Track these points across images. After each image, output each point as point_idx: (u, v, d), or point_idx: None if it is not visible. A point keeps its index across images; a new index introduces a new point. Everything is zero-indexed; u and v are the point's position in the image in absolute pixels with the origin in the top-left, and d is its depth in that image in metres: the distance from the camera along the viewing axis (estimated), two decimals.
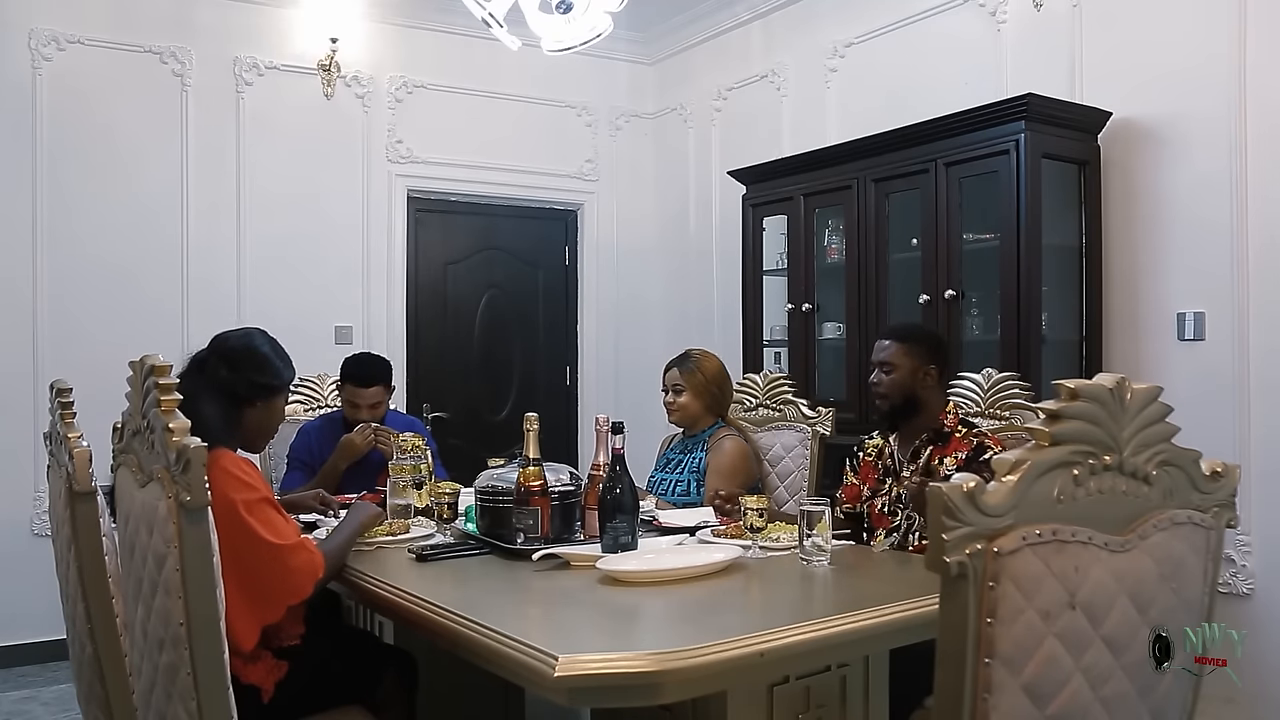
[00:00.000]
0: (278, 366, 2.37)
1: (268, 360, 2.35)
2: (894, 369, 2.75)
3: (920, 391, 2.74)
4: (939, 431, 2.72)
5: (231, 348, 2.33)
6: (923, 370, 2.74)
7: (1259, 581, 3.31)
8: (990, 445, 2.64)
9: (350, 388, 3.56)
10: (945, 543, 1.14)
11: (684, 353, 3.36)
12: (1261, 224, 3.29)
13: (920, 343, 2.79)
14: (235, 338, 2.38)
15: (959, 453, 2.65)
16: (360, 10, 5.11)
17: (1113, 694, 1.26)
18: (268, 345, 2.39)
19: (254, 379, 2.30)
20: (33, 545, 4.41)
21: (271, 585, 2.07)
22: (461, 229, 5.67)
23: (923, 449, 2.73)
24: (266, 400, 2.34)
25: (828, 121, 4.83)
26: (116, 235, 4.70)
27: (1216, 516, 1.40)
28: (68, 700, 3.80)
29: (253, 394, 2.30)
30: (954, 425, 2.72)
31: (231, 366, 2.27)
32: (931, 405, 2.76)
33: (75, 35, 4.63)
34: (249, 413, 2.30)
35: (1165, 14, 3.53)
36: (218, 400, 2.20)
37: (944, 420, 2.73)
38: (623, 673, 1.55)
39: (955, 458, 2.65)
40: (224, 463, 2.07)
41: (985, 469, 2.52)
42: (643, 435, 3.59)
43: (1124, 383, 1.25)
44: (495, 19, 2.96)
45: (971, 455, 2.62)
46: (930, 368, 2.75)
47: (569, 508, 2.54)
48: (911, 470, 2.73)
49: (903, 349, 2.76)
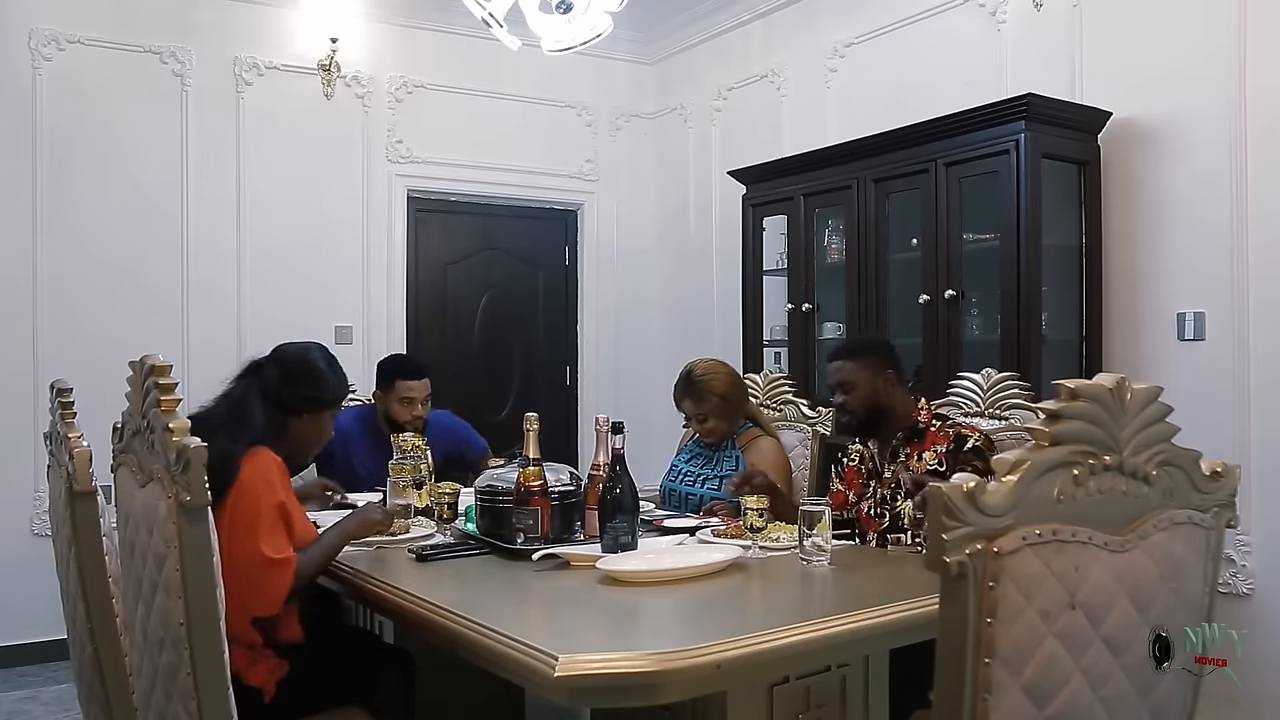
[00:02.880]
0: (330, 382, 2.44)
1: (321, 375, 2.42)
2: (853, 386, 2.77)
3: (884, 399, 2.75)
4: (913, 429, 2.72)
5: (289, 357, 2.40)
6: (880, 378, 2.75)
7: (1259, 582, 3.31)
8: (968, 434, 2.64)
9: (401, 383, 3.52)
10: (945, 543, 1.14)
11: (685, 376, 3.23)
12: (1261, 224, 3.29)
13: (871, 353, 2.82)
14: (294, 349, 2.45)
15: (937, 446, 2.65)
16: (360, 10, 5.11)
17: (1113, 694, 1.26)
18: (324, 360, 2.45)
19: (304, 391, 2.37)
20: (33, 545, 4.41)
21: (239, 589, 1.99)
22: (461, 229, 5.67)
23: (901, 448, 2.73)
24: (314, 413, 2.40)
25: (828, 121, 4.82)
26: (117, 235, 4.70)
27: (1216, 516, 1.40)
28: (68, 700, 3.80)
29: (300, 405, 2.36)
30: (928, 420, 2.73)
31: (284, 375, 2.35)
32: (899, 407, 2.76)
33: (75, 35, 4.63)
34: (295, 423, 2.36)
35: (1165, 14, 3.53)
36: (265, 405, 2.28)
37: (917, 418, 2.74)
38: (623, 673, 1.55)
39: (935, 451, 2.65)
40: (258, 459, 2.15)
41: (975, 457, 2.51)
42: (642, 435, 3.59)
43: (1124, 383, 1.25)
44: (495, 19, 2.96)
45: (954, 448, 2.61)
46: (887, 373, 2.76)
47: (569, 508, 2.54)
48: (893, 470, 2.73)
49: (856, 365, 2.78)
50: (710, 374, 3.22)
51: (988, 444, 2.62)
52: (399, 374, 3.55)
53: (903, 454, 2.72)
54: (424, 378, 3.57)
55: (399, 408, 3.53)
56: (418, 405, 3.53)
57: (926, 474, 2.60)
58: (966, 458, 2.57)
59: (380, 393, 3.60)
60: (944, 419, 2.75)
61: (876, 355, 2.80)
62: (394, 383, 3.54)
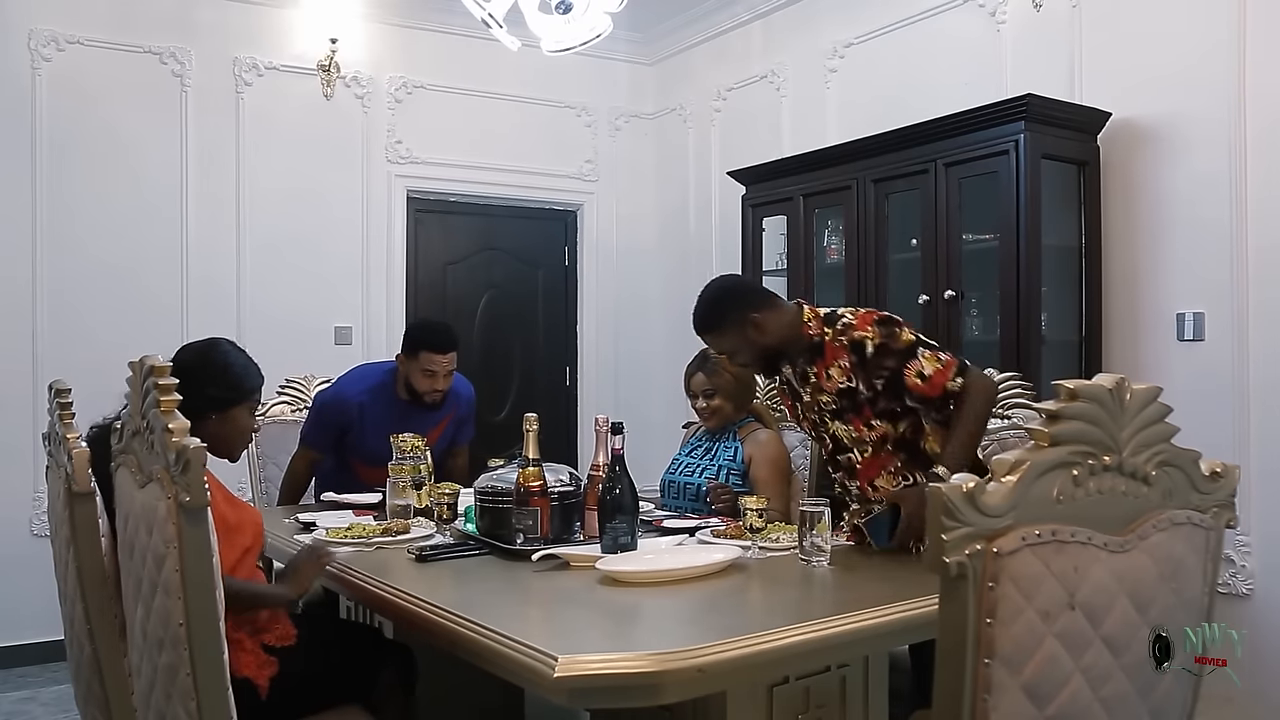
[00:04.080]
0: (234, 378, 2.31)
1: (207, 373, 2.27)
2: (733, 352, 2.63)
3: (766, 340, 2.56)
4: (811, 346, 2.56)
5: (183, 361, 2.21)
6: (747, 327, 2.55)
7: (1258, 582, 3.31)
8: (863, 337, 2.46)
9: (427, 355, 3.35)
10: (945, 543, 1.14)
11: (701, 354, 3.23)
12: (1261, 224, 3.29)
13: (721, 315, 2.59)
14: (190, 350, 2.33)
15: (840, 361, 2.51)
16: (360, 11, 5.11)
17: (1112, 694, 1.26)
18: (222, 357, 2.32)
19: (202, 392, 2.20)
20: (32, 546, 4.41)
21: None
22: (461, 229, 5.67)
23: (808, 369, 2.58)
24: (223, 412, 2.28)
25: (827, 122, 4.82)
26: (116, 235, 4.70)
27: (1216, 517, 1.40)
28: (67, 701, 3.79)
29: (204, 406, 2.18)
30: (819, 331, 2.55)
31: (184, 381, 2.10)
32: (785, 335, 2.57)
33: (75, 36, 4.63)
34: (206, 426, 2.18)
35: (1164, 14, 3.53)
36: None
37: (808, 334, 2.56)
38: (622, 673, 1.55)
39: (840, 367, 2.51)
40: None
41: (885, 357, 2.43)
42: (642, 435, 3.59)
43: (1123, 383, 1.25)
44: (495, 19, 2.96)
45: (857, 359, 2.47)
46: (750, 317, 2.55)
47: (569, 508, 2.54)
48: (808, 391, 2.59)
49: (716, 335, 2.61)
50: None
51: (885, 335, 2.45)
52: (425, 345, 3.37)
53: (811, 374, 2.57)
54: (452, 351, 3.40)
55: (421, 378, 3.38)
56: (439, 379, 3.38)
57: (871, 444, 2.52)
58: (874, 365, 2.45)
59: (404, 357, 3.43)
60: (832, 323, 2.54)
61: (727, 312, 2.58)
62: (419, 353, 3.37)
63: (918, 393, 2.43)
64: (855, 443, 2.57)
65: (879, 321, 2.49)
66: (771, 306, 2.61)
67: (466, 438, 3.76)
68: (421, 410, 3.44)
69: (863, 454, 2.56)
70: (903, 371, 2.43)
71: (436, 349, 3.37)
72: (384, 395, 3.49)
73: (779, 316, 2.59)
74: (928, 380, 2.41)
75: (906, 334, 2.47)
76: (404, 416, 3.40)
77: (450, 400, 3.51)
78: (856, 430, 2.55)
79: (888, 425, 2.52)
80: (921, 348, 2.44)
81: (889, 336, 2.45)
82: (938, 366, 2.42)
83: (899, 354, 2.44)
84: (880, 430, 2.52)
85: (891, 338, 2.45)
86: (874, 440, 2.53)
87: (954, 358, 2.45)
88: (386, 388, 3.50)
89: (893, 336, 2.45)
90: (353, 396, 3.50)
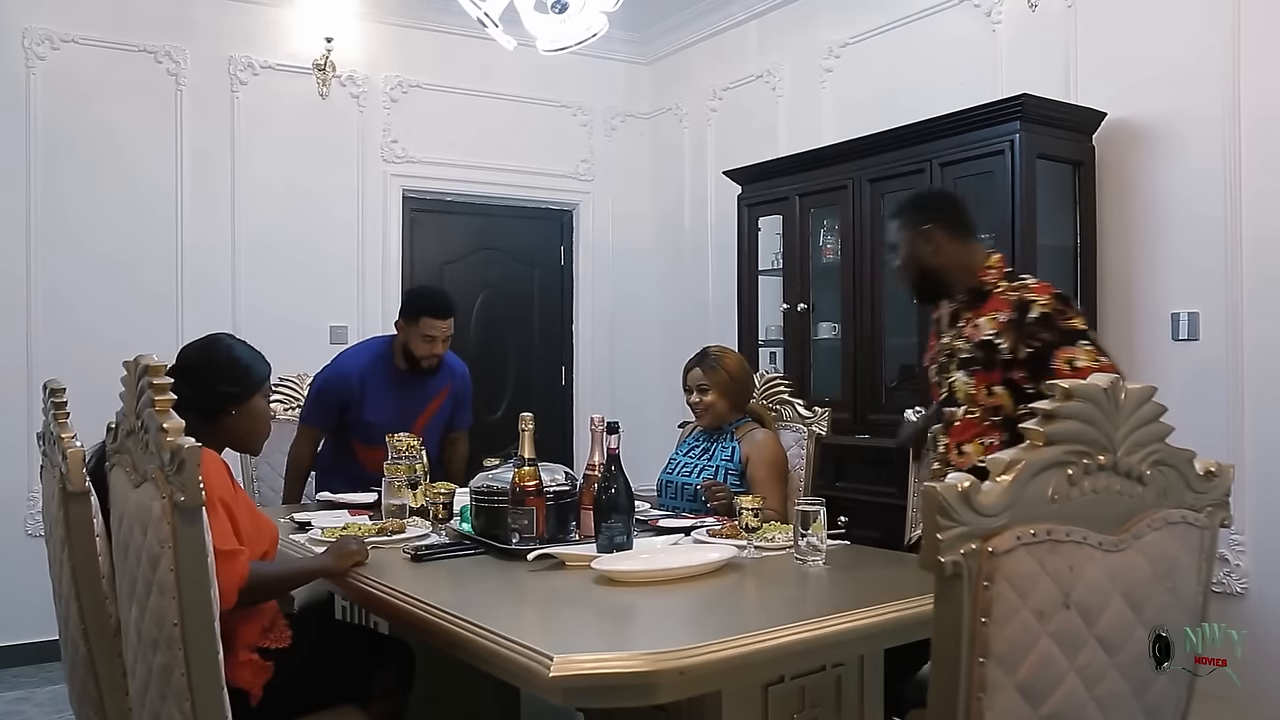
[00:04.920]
0: (241, 371, 2.30)
1: (225, 368, 2.27)
2: (897, 248, 2.57)
3: (930, 260, 2.51)
4: (976, 290, 2.49)
5: (186, 365, 2.24)
6: (919, 237, 2.51)
7: (1253, 581, 3.32)
8: (1033, 298, 2.37)
9: (427, 320, 3.46)
10: (940, 542, 1.14)
11: (702, 351, 3.29)
12: (1255, 224, 3.29)
13: (911, 210, 2.57)
14: (193, 350, 2.32)
15: (998, 313, 2.42)
16: (355, 10, 5.10)
17: (1107, 693, 1.26)
18: (227, 351, 2.32)
19: (221, 390, 2.24)
20: (27, 545, 4.39)
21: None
22: (457, 229, 5.66)
23: (962, 312, 2.52)
24: (242, 405, 2.28)
25: (823, 121, 4.83)
26: (111, 233, 4.69)
27: (1210, 516, 1.40)
28: (61, 701, 3.78)
29: (221, 404, 2.23)
30: (995, 280, 2.47)
31: (193, 383, 2.17)
32: (955, 266, 2.50)
33: (69, 34, 4.62)
34: (225, 423, 2.24)
35: (1159, 14, 3.54)
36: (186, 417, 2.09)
37: (982, 277, 2.49)
38: (618, 673, 1.55)
39: (994, 319, 2.43)
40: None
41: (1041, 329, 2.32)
42: (638, 435, 3.60)
43: (1118, 383, 1.25)
44: (490, 19, 2.95)
45: (1015, 318, 2.38)
46: (924, 229, 2.51)
47: (564, 508, 2.54)
48: (950, 334, 2.53)
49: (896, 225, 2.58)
50: (725, 353, 3.29)
51: (1058, 309, 2.36)
52: (425, 311, 3.48)
53: (963, 319, 2.50)
54: (450, 317, 3.52)
55: (420, 343, 3.48)
56: (438, 344, 3.50)
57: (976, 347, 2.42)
58: (1031, 330, 2.35)
59: (403, 322, 3.54)
60: (1011, 279, 2.46)
61: (913, 212, 2.55)
62: (420, 318, 3.48)
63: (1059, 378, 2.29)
64: (967, 399, 2.48)
65: (1057, 295, 2.40)
66: (960, 237, 2.53)
67: (466, 422, 3.83)
68: (420, 379, 3.55)
69: (967, 414, 2.48)
70: (1055, 351, 2.32)
71: (437, 314, 3.49)
72: (383, 365, 3.58)
73: (962, 250, 2.52)
74: (1076, 371, 2.27)
75: (1078, 322, 2.37)
76: (403, 385, 3.54)
77: (446, 372, 3.63)
78: (975, 388, 2.46)
79: (1007, 398, 2.40)
80: (1085, 341, 2.33)
81: (1058, 312, 2.36)
82: (1093, 365, 2.28)
83: (1060, 332, 2.34)
84: (998, 400, 2.42)
85: (1061, 315, 2.35)
86: (985, 406, 2.43)
87: (1116, 369, 2.28)
88: (385, 358, 3.60)
89: (1062, 314, 2.36)
90: (353, 370, 3.59)
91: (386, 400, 3.51)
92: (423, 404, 3.58)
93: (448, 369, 3.64)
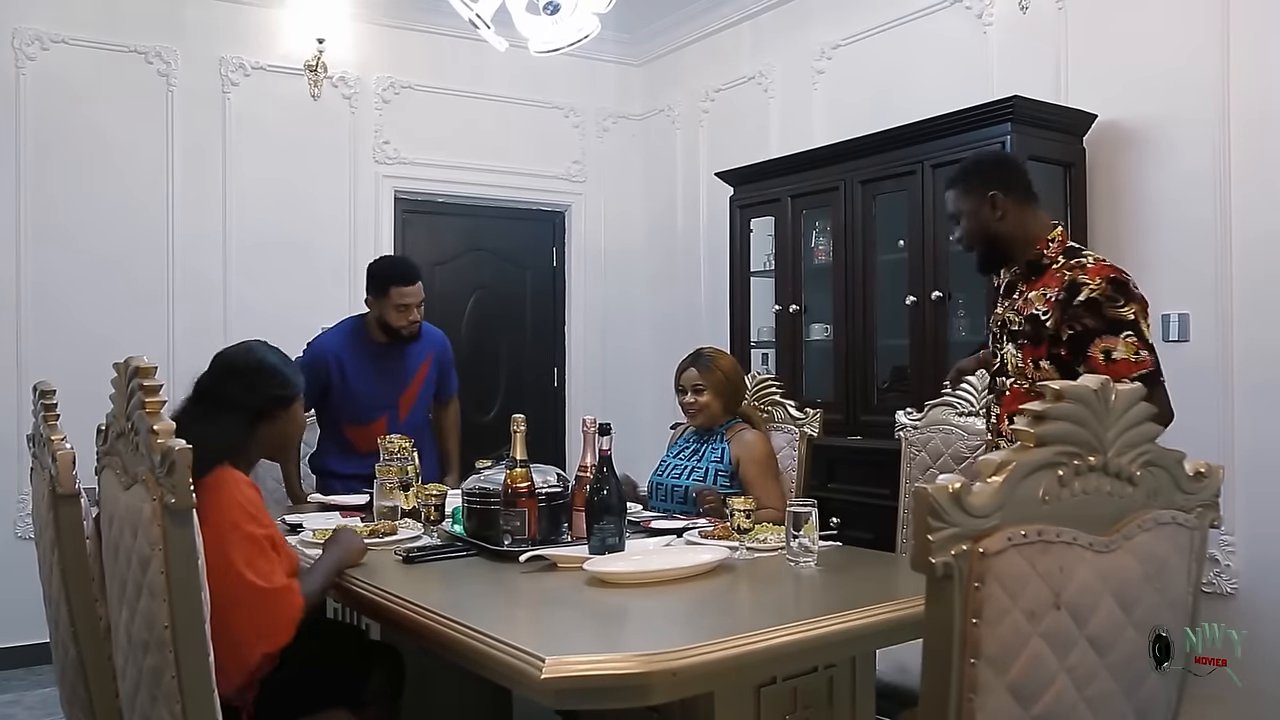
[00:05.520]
0: (288, 374, 2.31)
1: (278, 370, 2.28)
2: (959, 216, 2.52)
3: (995, 227, 2.46)
4: (1034, 263, 2.46)
5: (241, 365, 2.24)
6: (984, 204, 2.46)
7: (1242, 581, 3.33)
8: (1086, 281, 2.30)
9: (397, 290, 3.45)
10: (931, 543, 1.14)
11: (696, 352, 3.28)
12: (1245, 225, 3.31)
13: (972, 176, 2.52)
14: (240, 354, 2.29)
15: (1048, 290, 2.38)
16: (347, 11, 5.10)
17: (1097, 694, 1.26)
18: (274, 355, 2.32)
19: (273, 392, 2.24)
20: (16, 548, 4.38)
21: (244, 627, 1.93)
22: (449, 230, 5.66)
23: (1019, 283, 2.50)
24: (286, 410, 2.28)
25: (815, 123, 4.84)
26: (102, 233, 4.68)
27: (1200, 517, 1.40)
28: (52, 704, 3.77)
29: (273, 407, 2.24)
30: (1055, 254, 2.43)
31: (247, 384, 2.19)
32: (1019, 235, 2.46)
33: (60, 35, 4.60)
34: (269, 427, 2.24)
35: (1150, 16, 3.55)
36: (234, 420, 2.13)
37: (1043, 250, 2.45)
38: (610, 674, 1.55)
39: (1044, 296, 2.39)
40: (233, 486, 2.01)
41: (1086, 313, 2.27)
42: (630, 437, 3.60)
43: (1108, 384, 1.26)
44: (482, 20, 2.95)
45: (1064, 297, 2.32)
46: (991, 196, 2.46)
47: (556, 509, 2.54)
48: (1006, 304, 2.52)
49: (957, 193, 2.53)
50: (719, 354, 3.30)
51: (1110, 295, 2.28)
52: (393, 280, 3.47)
53: (1018, 289, 2.47)
54: (417, 281, 3.52)
55: (395, 314, 3.47)
56: (413, 310, 3.50)
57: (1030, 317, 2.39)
58: (1076, 313, 2.29)
59: (373, 298, 3.52)
60: (1070, 255, 2.41)
61: (978, 177, 2.50)
62: (388, 290, 3.47)
63: (1092, 366, 2.25)
64: (1017, 372, 2.47)
65: (1112, 280, 2.31)
66: (1025, 203, 2.49)
67: (453, 388, 3.85)
68: (399, 351, 3.56)
69: (1016, 385, 2.47)
70: (1094, 338, 2.27)
71: (405, 281, 3.49)
72: (357, 338, 3.59)
73: (1026, 216, 2.48)
74: (1111, 363, 2.23)
75: (1128, 311, 2.27)
76: (382, 357, 3.55)
77: (426, 342, 3.64)
78: (1023, 361, 2.44)
79: (1054, 372, 2.36)
80: (1130, 333, 2.26)
81: (1109, 299, 2.28)
82: (1131, 359, 2.24)
83: (1105, 320, 2.27)
84: (1045, 374, 2.38)
85: (1111, 301, 2.28)
86: (1033, 379, 2.41)
87: (1156, 365, 2.27)
88: (358, 331, 3.61)
89: (1113, 301, 2.28)
90: (326, 347, 3.59)
91: (367, 369, 3.52)
92: (408, 375, 3.60)
93: (427, 338, 3.65)
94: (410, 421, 3.56)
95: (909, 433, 3.19)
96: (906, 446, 3.18)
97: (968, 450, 2.97)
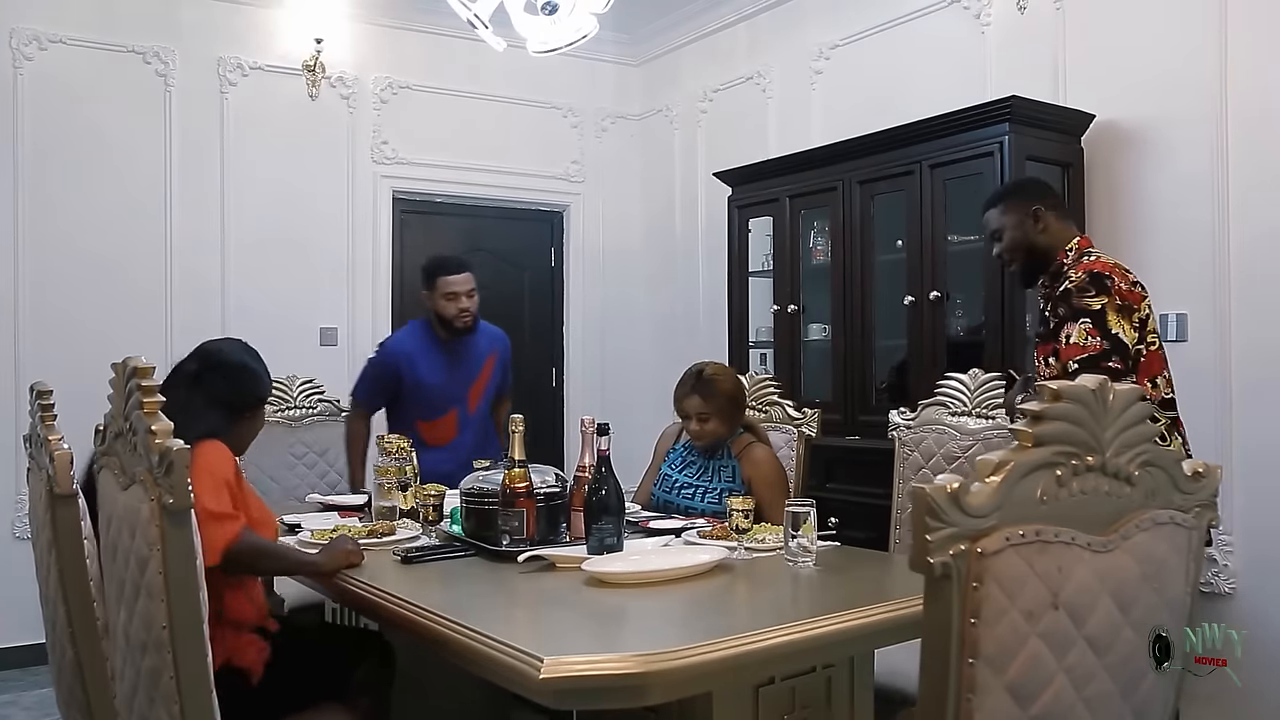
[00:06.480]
0: (265, 379, 2.46)
1: (257, 373, 2.44)
2: (1001, 232, 2.71)
3: (1036, 239, 2.66)
4: (1056, 272, 2.64)
5: (227, 361, 2.39)
6: (1028, 218, 2.66)
7: (1240, 581, 3.33)
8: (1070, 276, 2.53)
9: (443, 279, 3.60)
10: (929, 544, 1.14)
11: (697, 373, 3.13)
12: (1243, 226, 3.31)
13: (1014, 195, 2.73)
14: (228, 351, 2.44)
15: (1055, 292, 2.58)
16: (345, 11, 5.10)
17: (1095, 694, 1.26)
18: (255, 358, 2.46)
19: (252, 391, 2.41)
20: (14, 549, 4.37)
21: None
22: (447, 230, 5.65)
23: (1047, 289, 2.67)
24: (255, 411, 2.44)
25: (813, 123, 4.84)
26: (100, 234, 4.68)
27: (1198, 517, 1.40)
28: (49, 705, 3.76)
29: (247, 405, 2.39)
30: (1072, 261, 2.62)
31: (231, 380, 2.35)
32: (1057, 247, 2.65)
33: (57, 35, 4.60)
34: (240, 423, 2.38)
35: (1147, 17, 3.55)
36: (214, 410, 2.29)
37: (1063, 259, 2.64)
38: (608, 674, 1.55)
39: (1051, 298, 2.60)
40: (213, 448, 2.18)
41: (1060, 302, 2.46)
42: (628, 437, 3.59)
43: (1106, 384, 1.26)
44: (480, 20, 2.95)
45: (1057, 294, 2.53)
46: (1034, 209, 2.66)
47: (554, 509, 2.54)
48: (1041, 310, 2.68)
49: (998, 211, 2.72)
50: (720, 375, 3.15)
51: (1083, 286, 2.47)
52: (440, 270, 3.62)
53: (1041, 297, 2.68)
54: (465, 271, 3.64)
55: (445, 304, 3.60)
56: (463, 299, 3.60)
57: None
58: (1054, 305, 2.51)
59: (426, 294, 3.68)
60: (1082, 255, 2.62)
61: (1021, 195, 2.72)
62: (436, 280, 3.61)
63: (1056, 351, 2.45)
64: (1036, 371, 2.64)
65: (1091, 274, 2.50)
66: (1060, 214, 2.72)
67: (508, 386, 3.99)
68: (465, 346, 3.69)
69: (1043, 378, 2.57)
70: (1064, 325, 2.46)
71: (450, 271, 3.62)
72: (424, 333, 3.74)
73: (1060, 228, 2.68)
74: (1068, 347, 2.43)
75: (1094, 302, 2.45)
76: (449, 352, 3.69)
77: (489, 340, 3.79)
78: (1037, 359, 2.62)
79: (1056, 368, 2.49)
80: (1088, 320, 2.43)
81: (1080, 290, 2.47)
82: (1081, 343, 2.41)
83: (1072, 309, 2.46)
84: (1053, 371, 2.51)
85: (1081, 292, 2.46)
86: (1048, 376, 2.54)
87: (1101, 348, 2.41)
88: (425, 327, 3.75)
89: (1083, 292, 2.46)
90: (396, 345, 3.78)
91: (438, 363, 3.66)
92: (475, 370, 3.73)
93: (490, 335, 3.81)
94: (479, 413, 3.75)
95: (902, 432, 3.19)
96: (900, 446, 3.18)
97: (960, 450, 2.98)
